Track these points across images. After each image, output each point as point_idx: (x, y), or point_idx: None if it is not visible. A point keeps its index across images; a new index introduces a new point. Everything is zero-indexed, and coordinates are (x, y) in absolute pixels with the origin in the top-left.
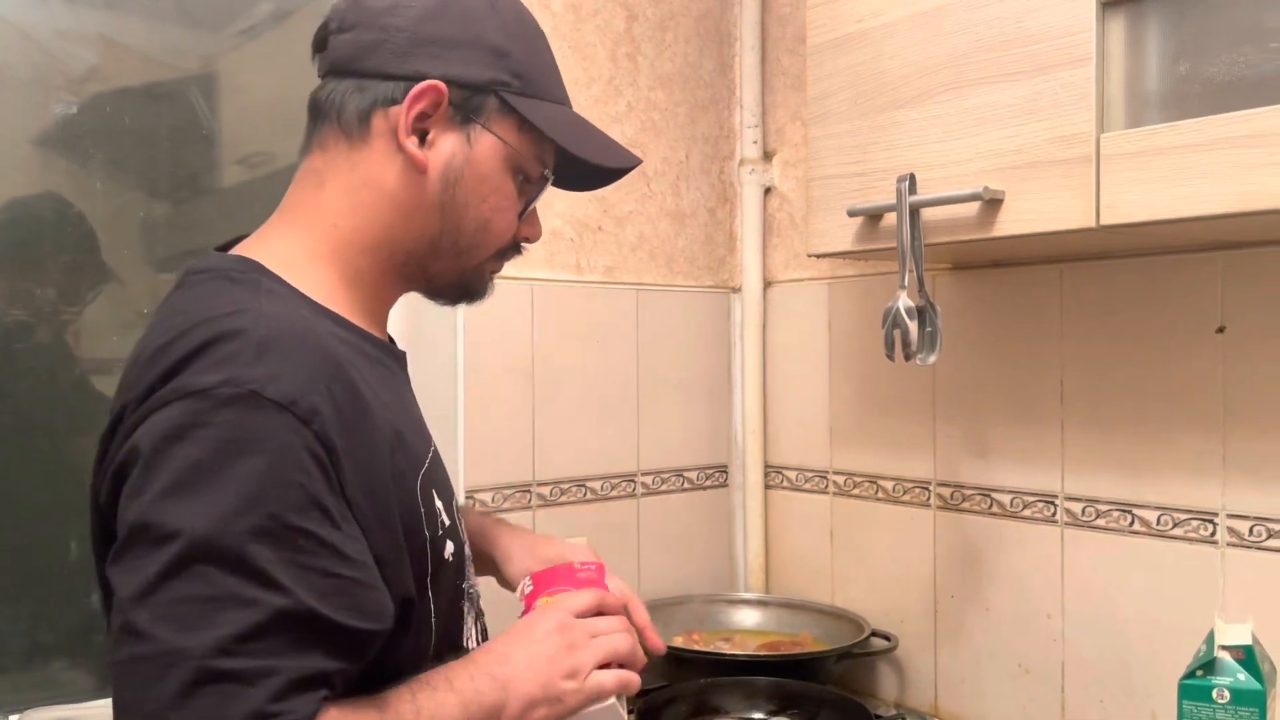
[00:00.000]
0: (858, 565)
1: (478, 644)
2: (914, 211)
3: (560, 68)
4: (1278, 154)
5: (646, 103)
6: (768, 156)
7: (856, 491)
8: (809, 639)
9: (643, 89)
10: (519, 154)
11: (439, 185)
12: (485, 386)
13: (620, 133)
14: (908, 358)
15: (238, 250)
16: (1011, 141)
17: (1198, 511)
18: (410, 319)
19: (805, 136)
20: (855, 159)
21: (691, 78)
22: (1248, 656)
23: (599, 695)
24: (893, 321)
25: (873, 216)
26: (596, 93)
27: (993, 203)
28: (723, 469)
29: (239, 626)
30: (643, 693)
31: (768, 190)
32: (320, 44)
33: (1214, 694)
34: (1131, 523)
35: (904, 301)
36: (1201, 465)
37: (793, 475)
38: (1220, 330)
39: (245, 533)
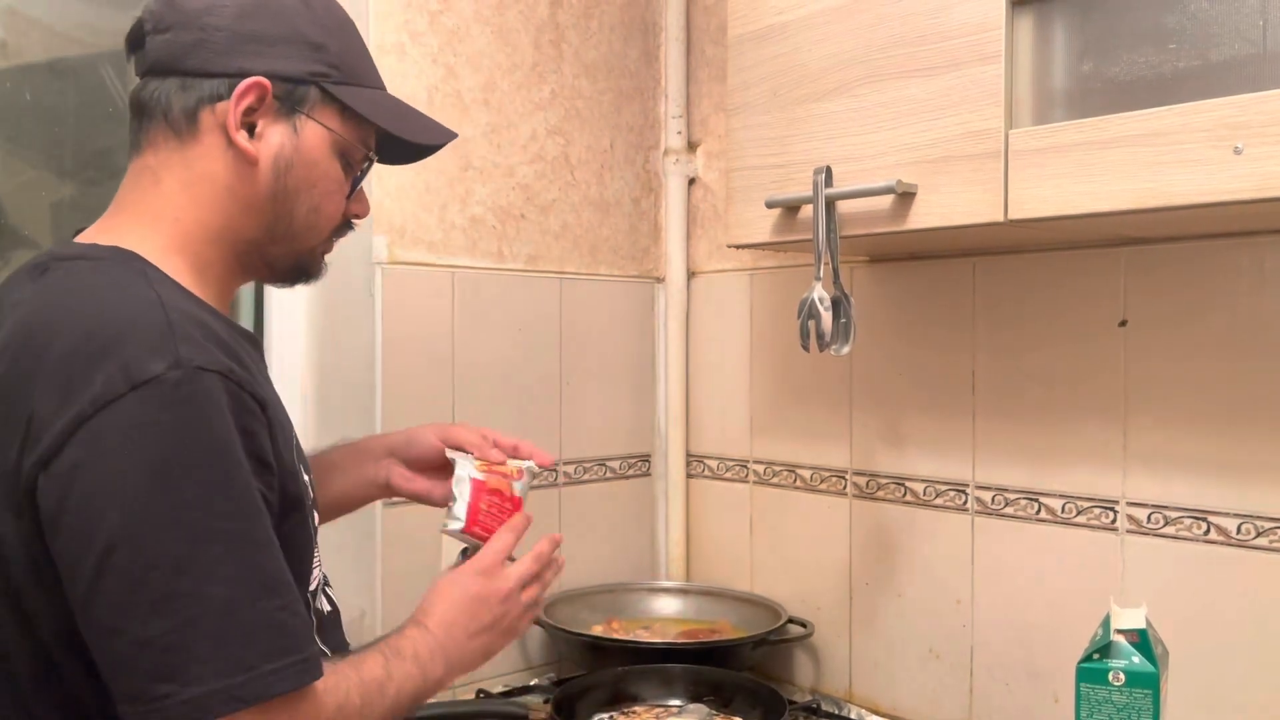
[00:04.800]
0: (776, 553)
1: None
2: (830, 204)
3: (482, 53)
4: (1174, 153)
5: (571, 90)
6: (692, 147)
7: (775, 480)
8: (727, 626)
9: (567, 76)
10: (343, 139)
11: (270, 175)
12: (404, 374)
13: (544, 120)
14: (822, 348)
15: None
16: (925, 136)
17: (1100, 499)
18: (324, 304)
19: (728, 127)
20: (775, 150)
21: (616, 66)
22: (1142, 640)
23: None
24: (808, 312)
25: (791, 208)
26: (519, 79)
27: (906, 196)
28: (645, 458)
29: None
30: (559, 682)
31: (692, 181)
32: (137, 43)
33: (1110, 676)
34: (1038, 511)
35: (819, 293)
36: (1104, 454)
37: (714, 464)
38: (1123, 324)
39: None
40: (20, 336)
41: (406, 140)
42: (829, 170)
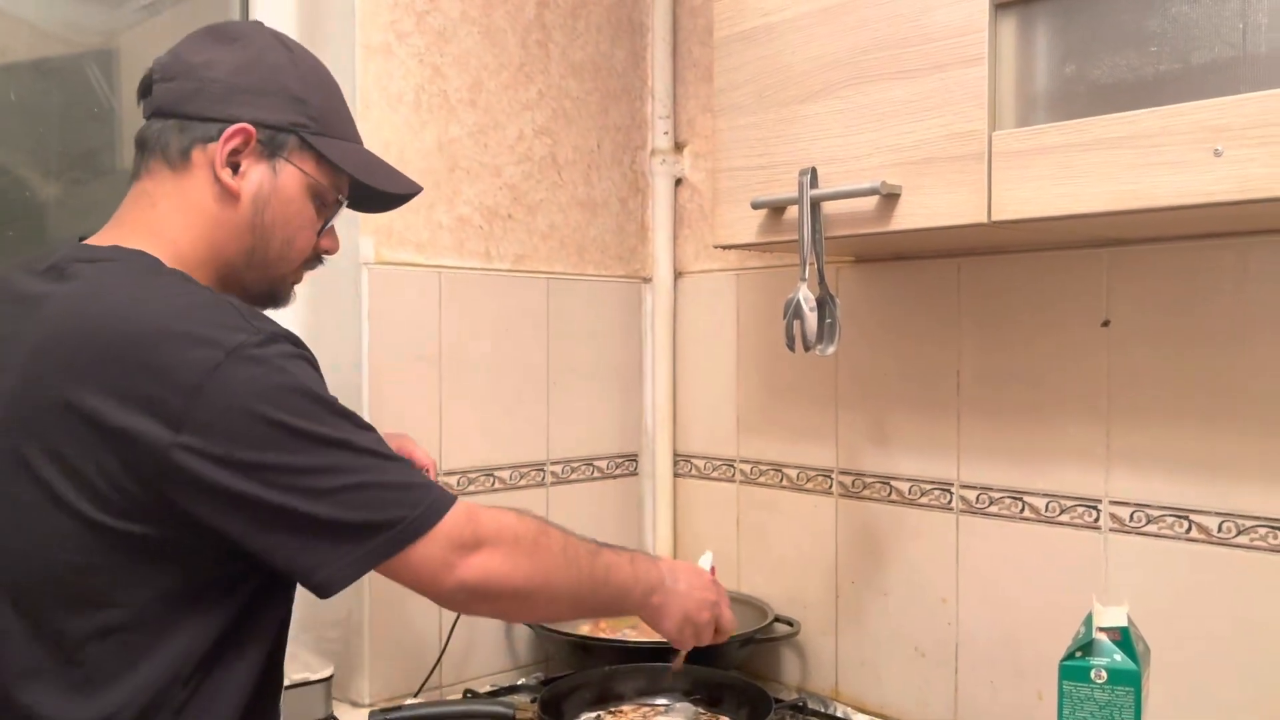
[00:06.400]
0: (763, 552)
1: None
2: (815, 205)
3: (470, 53)
4: (1154, 155)
5: (558, 90)
6: (679, 147)
7: (762, 480)
8: None
9: (554, 77)
10: (317, 183)
11: (250, 208)
12: (391, 374)
13: (531, 120)
14: (807, 348)
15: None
16: (909, 137)
17: (1083, 498)
18: (312, 304)
19: (714, 128)
20: (760, 151)
21: (603, 67)
22: (1124, 638)
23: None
24: (793, 313)
25: (776, 209)
26: (506, 79)
27: (890, 197)
28: (632, 458)
29: None
30: (546, 681)
31: (679, 181)
32: (145, 90)
33: (1092, 674)
34: (1022, 509)
35: (804, 293)
36: (1087, 453)
37: (701, 464)
38: (1105, 324)
39: None
40: (74, 323)
41: (374, 189)
42: (814, 171)
